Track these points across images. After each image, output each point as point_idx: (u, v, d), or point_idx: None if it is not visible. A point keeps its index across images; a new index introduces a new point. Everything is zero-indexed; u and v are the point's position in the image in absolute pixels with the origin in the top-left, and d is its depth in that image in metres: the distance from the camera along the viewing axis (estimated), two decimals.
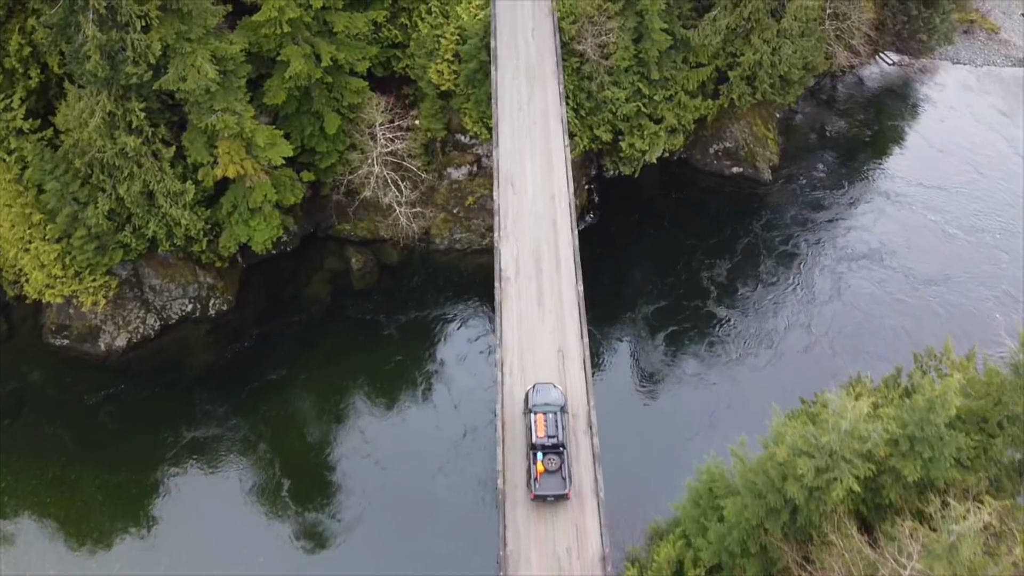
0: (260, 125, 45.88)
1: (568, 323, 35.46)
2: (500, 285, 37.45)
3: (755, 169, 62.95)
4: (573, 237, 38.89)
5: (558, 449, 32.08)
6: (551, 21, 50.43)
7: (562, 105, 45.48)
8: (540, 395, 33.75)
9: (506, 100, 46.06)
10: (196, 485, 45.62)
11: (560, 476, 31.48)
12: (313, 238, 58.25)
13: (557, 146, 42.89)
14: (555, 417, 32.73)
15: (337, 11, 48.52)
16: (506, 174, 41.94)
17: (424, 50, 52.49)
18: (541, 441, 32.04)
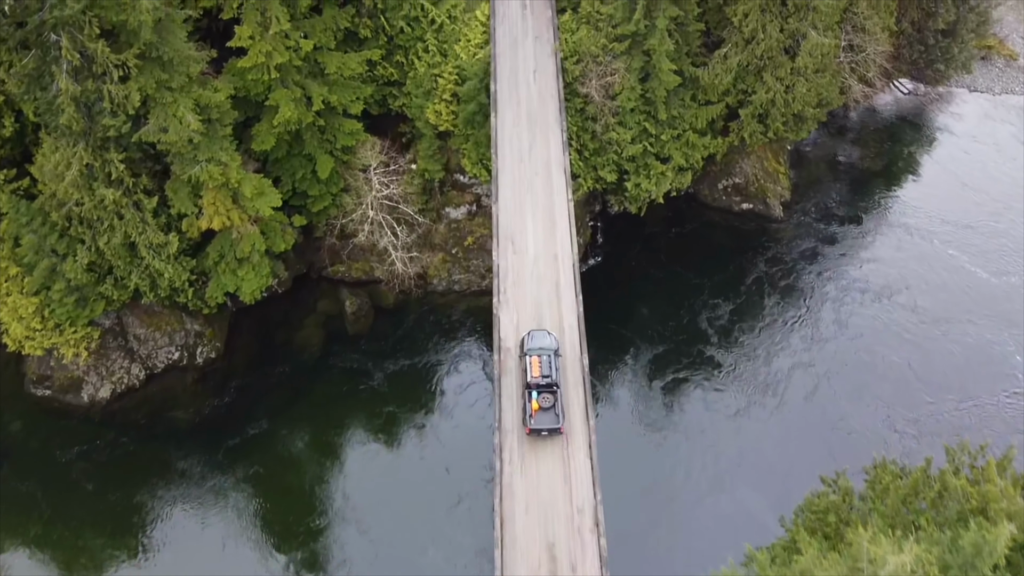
0: (247, 174, 43.56)
1: (573, 401, 33.13)
2: (499, 358, 35.14)
3: (766, 205, 60.53)
4: (577, 303, 36.55)
5: (552, 388, 34.29)
6: (554, 62, 48.02)
7: (565, 154, 43.13)
8: (535, 340, 35.99)
9: (506, 150, 43.74)
10: (174, 551, 43.51)
11: (554, 413, 33.86)
12: (306, 278, 56.00)
13: (560, 200, 40.55)
14: (549, 359, 34.93)
15: (329, 51, 46.19)
16: (506, 231, 39.59)
17: (421, 89, 50.12)
18: (536, 380, 34.30)
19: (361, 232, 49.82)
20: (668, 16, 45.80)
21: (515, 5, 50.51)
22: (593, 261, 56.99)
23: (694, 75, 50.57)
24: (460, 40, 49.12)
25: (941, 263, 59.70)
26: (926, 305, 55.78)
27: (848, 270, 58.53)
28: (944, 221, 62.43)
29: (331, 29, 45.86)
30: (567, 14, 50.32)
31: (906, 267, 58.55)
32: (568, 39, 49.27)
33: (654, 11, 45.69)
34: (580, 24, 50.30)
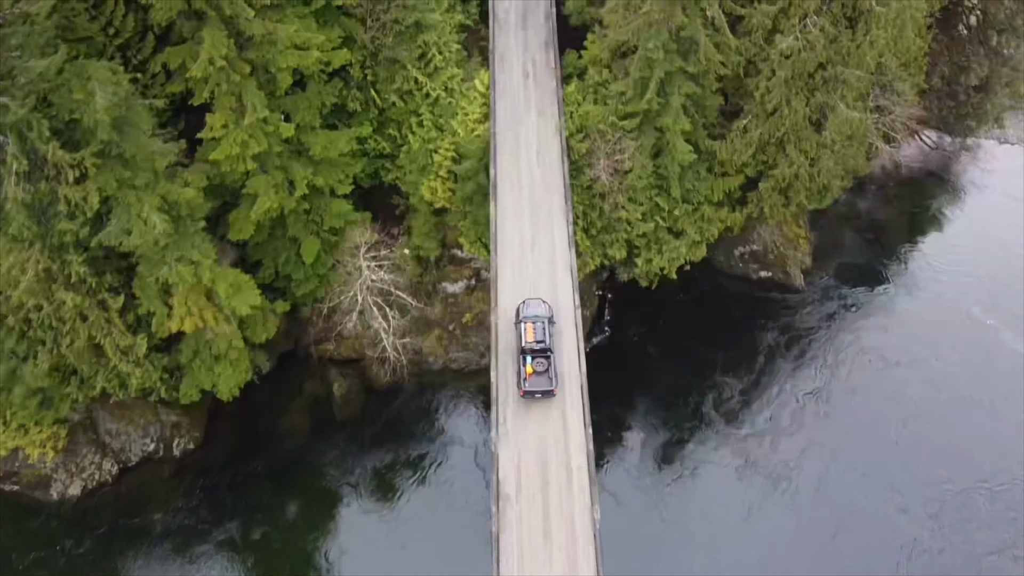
0: (223, 269, 39.80)
1: (582, 562, 29.23)
2: (497, 507, 31.22)
3: (785, 274, 56.52)
4: (587, 440, 32.55)
5: (546, 353, 35.43)
6: (559, 141, 44.09)
7: (571, 249, 39.24)
8: (530, 309, 37.16)
9: (506, 246, 39.90)
10: None
11: (547, 376, 35.09)
12: (292, 356, 52.10)
13: (567, 307, 36.66)
14: (543, 325, 36.24)
15: (314, 131, 42.29)
16: (507, 344, 35.71)
17: (415, 165, 46.24)
18: (530, 345, 35.45)
19: (350, 320, 46.01)
20: (684, 93, 41.84)
21: (517, 74, 46.63)
22: (599, 339, 53.15)
23: (711, 149, 46.60)
24: (457, 114, 45.19)
25: (969, 329, 55.72)
26: (950, 376, 51.98)
27: (869, 339, 54.59)
28: (973, 282, 58.40)
29: (316, 107, 41.96)
30: (572, 84, 46.35)
31: (931, 334, 54.69)
32: (574, 113, 45.33)
33: (668, 88, 41.73)
34: (586, 93, 46.40)
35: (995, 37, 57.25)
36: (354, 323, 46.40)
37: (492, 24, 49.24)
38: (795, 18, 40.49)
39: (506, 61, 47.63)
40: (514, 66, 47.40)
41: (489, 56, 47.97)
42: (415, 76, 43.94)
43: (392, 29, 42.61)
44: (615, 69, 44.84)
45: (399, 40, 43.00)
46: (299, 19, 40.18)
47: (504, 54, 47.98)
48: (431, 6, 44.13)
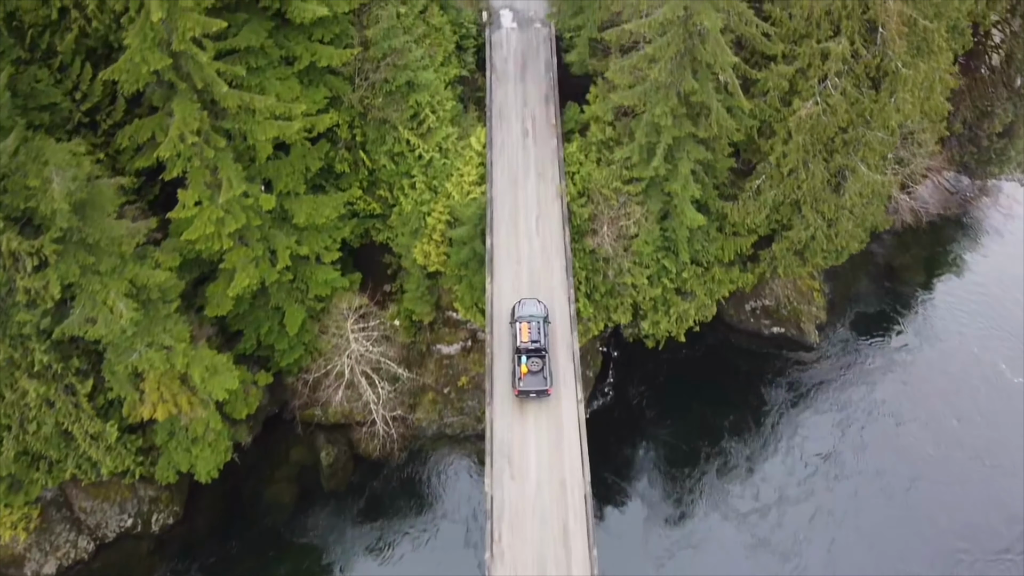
0: (198, 351, 37.00)
1: None
2: None
3: (799, 330, 53.67)
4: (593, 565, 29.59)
5: (540, 353, 35.35)
6: (559, 206, 41.27)
7: (573, 333, 36.40)
8: (525, 308, 37.01)
9: (504, 326, 37.05)
10: None
11: (542, 376, 35.01)
12: (278, 421, 49.37)
13: (569, 402, 33.85)
14: (538, 325, 36.06)
15: (298, 197, 39.49)
16: (502, 445, 32.90)
17: (407, 227, 43.42)
18: (525, 345, 35.32)
19: (336, 393, 43.25)
20: (693, 159, 38.97)
21: (515, 132, 43.79)
22: (600, 402, 50.41)
23: (722, 210, 43.71)
24: (452, 175, 42.36)
25: (993, 385, 52.89)
26: (969, 436, 49.32)
27: (885, 396, 51.76)
28: (998, 334, 55.52)
29: (300, 172, 39.16)
30: (574, 143, 43.51)
31: (951, 390, 51.92)
32: (576, 174, 42.51)
33: (677, 153, 38.86)
34: (589, 150, 43.56)
35: (1019, 79, 54.24)
36: (341, 395, 43.65)
37: (489, 75, 46.42)
38: (814, 79, 37.57)
39: (504, 117, 44.80)
40: (512, 123, 44.56)
41: (486, 111, 45.14)
42: (407, 138, 41.13)
43: (382, 89, 39.80)
44: (619, 128, 41.99)
45: (389, 100, 40.20)
46: (281, 81, 37.38)
47: (502, 109, 45.17)
48: (424, 62, 41.30)
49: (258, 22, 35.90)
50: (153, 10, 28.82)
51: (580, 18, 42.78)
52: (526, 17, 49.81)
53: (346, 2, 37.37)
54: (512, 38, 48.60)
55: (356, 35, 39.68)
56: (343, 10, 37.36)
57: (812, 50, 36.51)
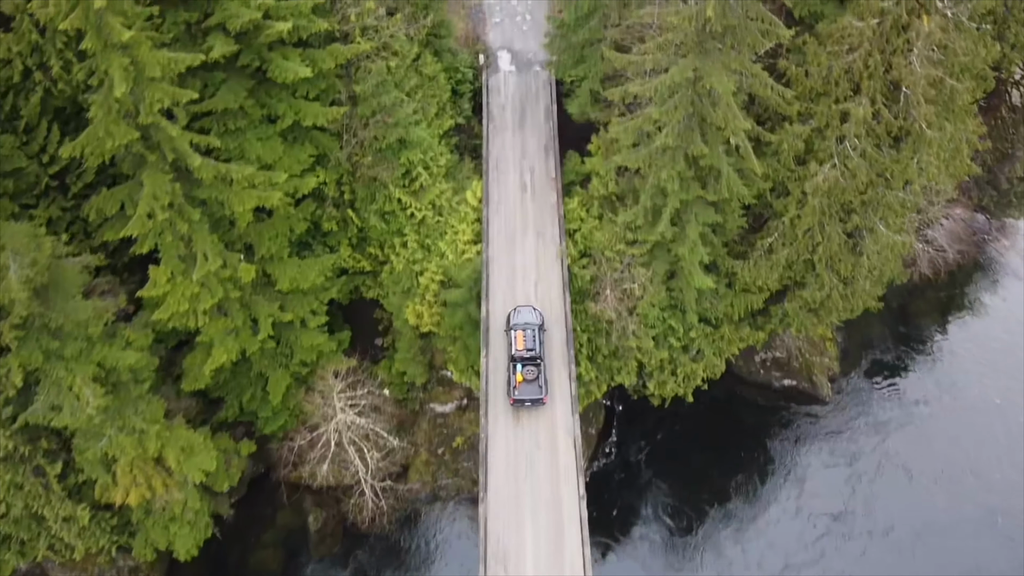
0: (173, 430, 34.70)
1: None
2: None
3: (811, 383, 51.19)
4: None
5: (535, 361, 34.97)
6: (559, 269, 38.85)
7: (574, 416, 33.98)
8: (520, 316, 36.42)
9: (499, 409, 34.70)
10: None
11: (537, 384, 34.50)
12: (264, 482, 47.00)
13: (570, 494, 31.40)
14: (533, 332, 35.62)
15: (282, 260, 37.13)
16: (496, 546, 30.45)
17: (399, 287, 41.06)
18: (520, 353, 34.85)
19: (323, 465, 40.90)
20: (702, 222, 36.57)
21: (513, 185, 41.41)
22: (601, 462, 48.04)
23: (731, 269, 41.27)
24: (446, 233, 39.98)
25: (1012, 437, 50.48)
26: (986, 494, 46.93)
27: (900, 451, 49.31)
28: (1018, 384, 53.04)
29: (284, 235, 36.81)
30: (575, 199, 41.10)
31: (968, 444, 49.52)
32: (578, 231, 40.13)
33: (684, 215, 36.46)
34: (590, 204, 41.16)
35: None
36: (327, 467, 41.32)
37: (486, 123, 43.99)
38: (832, 138, 35.09)
39: (501, 169, 42.40)
40: (510, 175, 42.17)
41: (483, 162, 42.74)
42: (398, 197, 38.75)
43: (372, 147, 37.44)
44: (622, 183, 39.61)
45: (380, 159, 37.85)
46: (262, 141, 35.02)
47: (499, 160, 42.77)
48: (416, 117, 38.92)
49: (237, 81, 33.56)
50: (117, 84, 26.49)
51: (581, 68, 40.38)
52: (525, 59, 47.40)
53: (331, 58, 34.97)
54: (510, 82, 46.20)
55: (344, 90, 37.32)
56: (328, 66, 34.95)
57: (831, 111, 34.07)
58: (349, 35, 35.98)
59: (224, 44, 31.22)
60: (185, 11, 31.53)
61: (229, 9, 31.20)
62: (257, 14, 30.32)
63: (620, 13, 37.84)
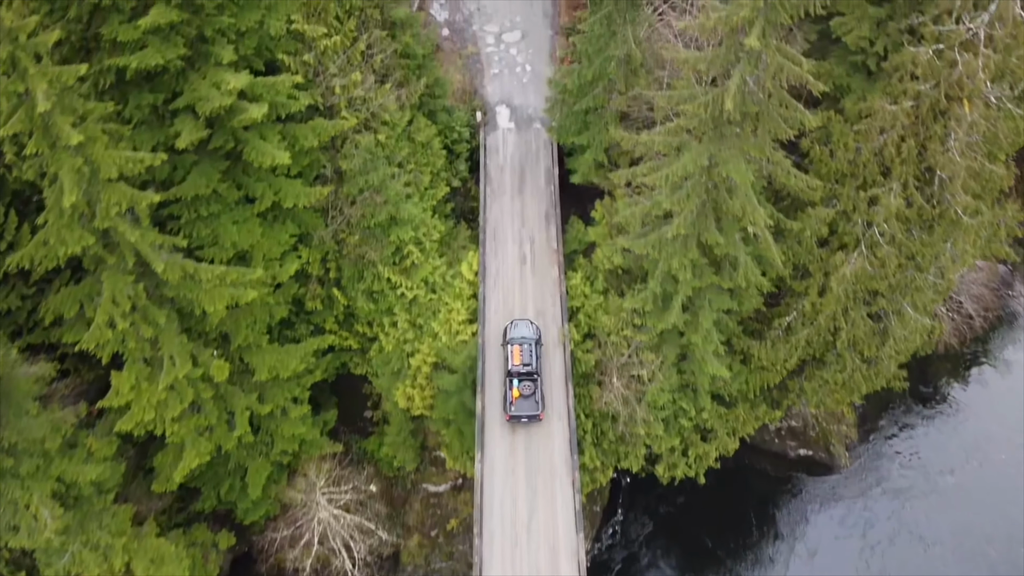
0: (143, 539, 31.90)
1: None
2: None
3: (828, 453, 48.24)
4: None
5: (532, 376, 34.34)
6: (562, 356, 35.99)
7: (579, 534, 31.09)
8: (517, 330, 35.69)
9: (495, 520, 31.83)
10: None
11: (533, 400, 33.99)
12: (247, 561, 44.34)
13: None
14: (530, 347, 34.86)
15: (260, 349, 34.29)
16: None
17: (388, 368, 38.25)
18: (516, 368, 34.27)
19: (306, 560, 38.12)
20: (716, 308, 33.71)
21: (512, 257, 38.55)
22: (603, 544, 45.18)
23: (747, 349, 38.41)
24: (440, 312, 37.15)
25: None
26: (1004, 564, 44.17)
27: (918, 520, 46.49)
28: None
29: (263, 322, 34.02)
30: (578, 273, 38.23)
31: (991, 514, 46.58)
32: (581, 308, 37.26)
33: (697, 301, 33.59)
34: (595, 277, 38.31)
35: None
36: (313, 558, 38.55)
37: (484, 187, 41.13)
38: (858, 222, 32.18)
39: (499, 239, 39.55)
40: (508, 246, 39.30)
41: (479, 231, 39.87)
42: (388, 276, 35.92)
43: (359, 225, 34.63)
44: (629, 258, 36.73)
45: (368, 236, 35.05)
46: (238, 225, 32.22)
47: (496, 229, 39.93)
48: (408, 190, 36.10)
49: (209, 163, 30.77)
50: (67, 191, 23.70)
51: (584, 137, 37.54)
52: (525, 115, 44.54)
53: (314, 135, 32.18)
54: (509, 141, 43.34)
55: (329, 164, 34.53)
56: (311, 144, 32.16)
57: (858, 196, 31.20)
58: (334, 107, 33.15)
59: (193, 130, 28.43)
60: (150, 92, 28.72)
61: (199, 91, 28.41)
62: (228, 100, 27.49)
63: (627, 81, 35.00)
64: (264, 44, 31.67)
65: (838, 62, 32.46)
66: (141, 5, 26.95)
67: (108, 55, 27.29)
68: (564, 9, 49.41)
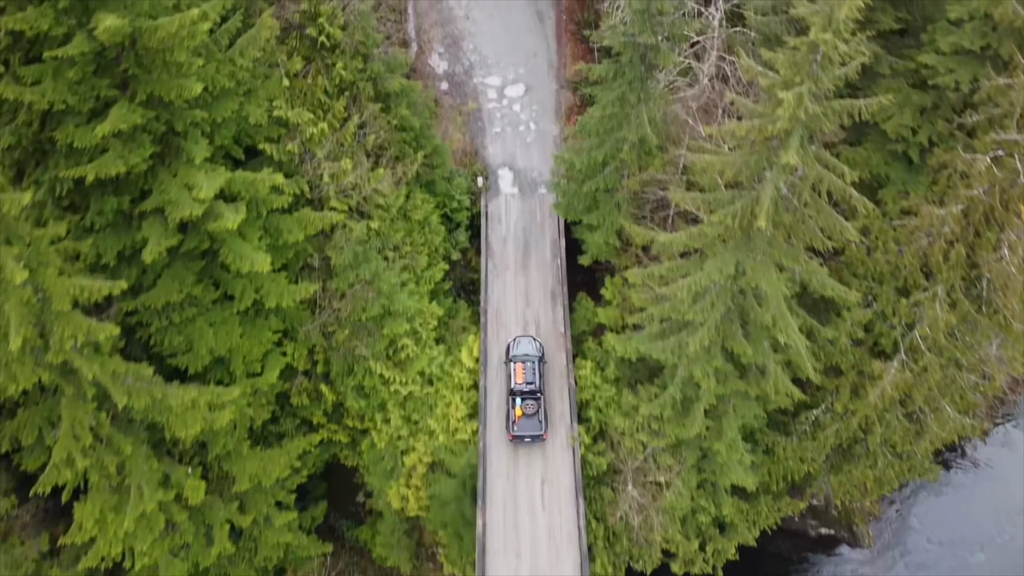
0: None
1: None
2: None
3: (851, 533, 45.32)
4: None
5: (535, 395, 33.59)
6: (571, 461, 33.05)
7: None
8: (520, 347, 35.02)
9: None
10: None
11: (537, 419, 33.17)
12: None
13: None
14: (533, 365, 34.20)
15: (240, 457, 31.30)
16: None
17: (380, 467, 35.33)
18: (519, 387, 33.57)
19: None
20: (741, 415, 30.79)
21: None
22: None
23: (772, 445, 35.53)
24: (437, 406, 34.22)
25: None
26: None
27: None
28: None
29: (244, 426, 31.08)
30: (588, 361, 35.32)
31: None
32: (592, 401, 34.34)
33: (721, 407, 30.66)
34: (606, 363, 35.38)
35: None
36: None
37: (485, 262, 38.18)
38: (896, 324, 29.27)
39: (502, 322, 36.62)
40: (512, 329, 36.35)
41: (480, 312, 36.94)
42: (380, 372, 32.99)
43: (349, 319, 31.70)
44: None
45: (359, 330, 32.13)
46: (214, 327, 29.29)
47: (499, 309, 37.00)
48: (403, 277, 33.18)
49: (182, 266, 27.84)
50: (13, 333, 20.75)
51: (594, 216, 34.60)
52: (529, 179, 41.60)
53: (300, 228, 29.27)
54: (512, 209, 40.40)
55: (317, 253, 31.60)
56: (296, 239, 29.23)
57: (898, 302, 28.30)
58: (323, 197, 30.22)
59: (162, 237, 25.52)
60: (114, 195, 25.79)
61: (168, 192, 25.47)
62: (200, 209, 24.54)
63: (641, 162, 32.05)
64: (244, 131, 28.73)
65: (875, 148, 29.56)
66: (101, 104, 23.97)
67: (64, 160, 24.33)
68: (569, 60, 46.49)
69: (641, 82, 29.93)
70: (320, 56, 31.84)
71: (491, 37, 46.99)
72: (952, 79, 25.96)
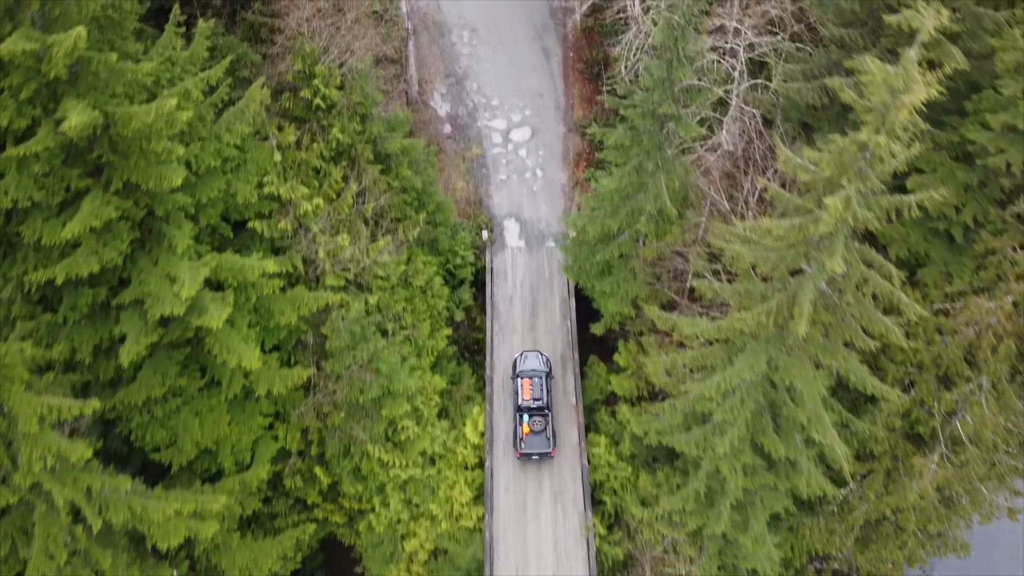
0: None
1: None
2: None
3: None
4: None
5: (543, 411, 33.00)
6: (584, 550, 30.91)
7: None
8: (527, 362, 34.42)
9: None
10: None
11: (545, 436, 32.51)
12: None
13: None
14: (540, 380, 33.68)
15: (229, 549, 29.13)
16: None
17: (379, 552, 33.16)
18: (527, 403, 33.05)
19: None
20: (770, 508, 28.64)
21: None
22: None
23: (796, 526, 33.39)
24: (439, 488, 32.03)
25: None
26: None
27: None
28: None
29: (234, 517, 28.91)
30: (602, 438, 33.19)
31: None
32: (606, 482, 32.21)
33: (747, 498, 28.49)
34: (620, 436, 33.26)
35: None
36: None
37: (491, 323, 36.05)
38: (936, 413, 27.16)
39: (509, 391, 34.47)
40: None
41: (486, 381, 34.82)
42: (378, 456, 30.82)
43: (346, 401, 29.53)
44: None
45: (355, 412, 29.97)
46: (200, 417, 27.16)
47: (506, 379, 34.87)
48: (404, 351, 31.03)
49: (165, 356, 25.66)
50: None
51: (608, 283, 32.45)
52: (536, 231, 39.45)
53: (294, 311, 27.13)
54: (519, 264, 38.25)
55: (311, 330, 29.42)
56: (289, 321, 27.07)
57: (940, 392, 26.18)
58: (319, 274, 28.05)
59: (141, 335, 23.35)
60: (89, 287, 23.60)
61: (148, 285, 23.29)
62: (182, 308, 22.36)
63: (659, 231, 29.90)
64: (232, 207, 26.55)
65: (914, 224, 27.34)
66: (72, 195, 21.77)
67: (33, 254, 22.14)
68: (577, 101, 44.34)
69: (659, 150, 27.78)
70: (316, 118, 29.67)
71: (496, 76, 44.84)
72: (1003, 160, 23.84)
